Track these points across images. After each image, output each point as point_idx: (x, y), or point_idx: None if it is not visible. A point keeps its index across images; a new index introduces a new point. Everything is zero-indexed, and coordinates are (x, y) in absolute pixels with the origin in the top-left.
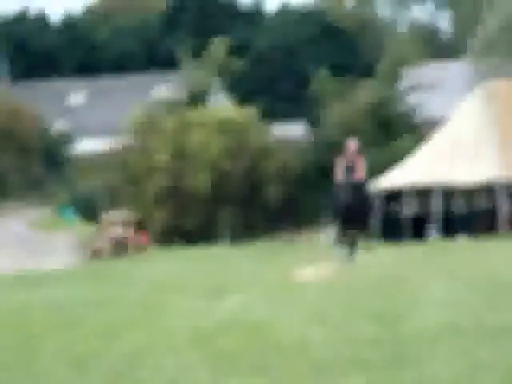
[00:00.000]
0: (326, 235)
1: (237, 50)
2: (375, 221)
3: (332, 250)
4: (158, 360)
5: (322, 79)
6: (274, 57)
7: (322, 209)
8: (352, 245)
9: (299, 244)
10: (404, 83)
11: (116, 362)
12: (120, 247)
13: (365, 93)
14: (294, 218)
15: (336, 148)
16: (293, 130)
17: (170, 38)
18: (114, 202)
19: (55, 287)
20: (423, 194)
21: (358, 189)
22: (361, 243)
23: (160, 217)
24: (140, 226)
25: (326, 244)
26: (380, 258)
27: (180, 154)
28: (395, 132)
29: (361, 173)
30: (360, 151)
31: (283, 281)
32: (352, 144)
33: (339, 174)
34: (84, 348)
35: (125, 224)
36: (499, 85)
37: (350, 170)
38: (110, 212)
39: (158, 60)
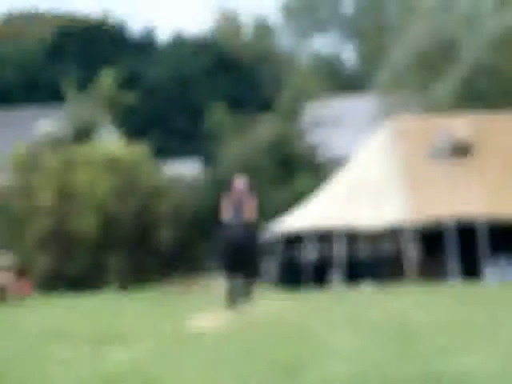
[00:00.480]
0: (220, 282)
1: (127, 83)
2: (274, 266)
3: (224, 298)
4: None
5: (217, 114)
6: (167, 90)
7: (210, 253)
8: (243, 292)
9: (193, 291)
10: (306, 119)
11: None
12: (0, 294)
13: (264, 129)
14: (187, 263)
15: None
16: (187, 168)
17: (53, 68)
18: None
19: None
20: (325, 237)
21: (247, 231)
22: (255, 290)
23: (43, 262)
24: (21, 272)
25: (220, 292)
26: (279, 306)
27: (65, 195)
28: (296, 171)
29: (250, 213)
30: (250, 190)
31: (176, 331)
32: (239, 182)
33: (226, 214)
34: None
35: (4, 270)
36: (407, 121)
37: (237, 209)
38: None
39: (40, 93)
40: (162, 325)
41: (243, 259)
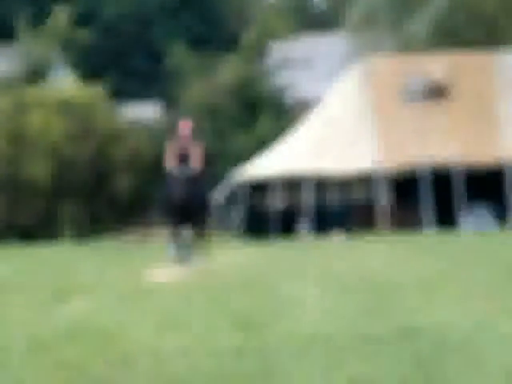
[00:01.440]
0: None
1: (82, 20)
2: (238, 215)
3: (167, 250)
4: None
5: (178, 53)
6: (126, 28)
7: (155, 202)
8: (189, 244)
9: (150, 242)
10: (272, 59)
11: None
12: None
13: (227, 69)
14: (145, 212)
15: (193, 130)
16: (146, 111)
17: (3, 4)
18: None
19: None
20: (293, 185)
21: (194, 180)
22: (207, 243)
23: None
24: None
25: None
26: (243, 257)
27: (16, 139)
28: (261, 114)
29: (196, 162)
30: (195, 135)
31: (132, 283)
32: (185, 126)
33: (169, 163)
34: None
35: None
36: (378, 61)
37: (183, 157)
38: None
39: None
40: (118, 277)
41: (190, 212)
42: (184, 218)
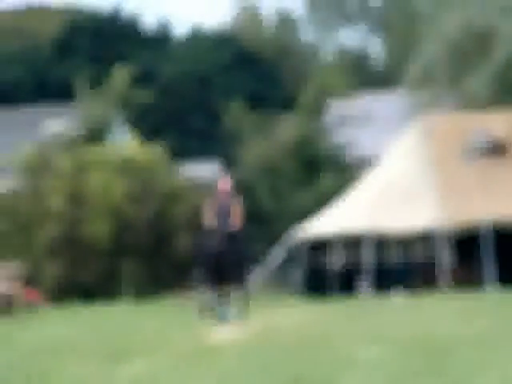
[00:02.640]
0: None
1: (141, 80)
2: (297, 274)
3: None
4: None
5: (237, 112)
6: (184, 87)
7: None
8: (227, 302)
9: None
10: (331, 117)
11: None
12: (5, 306)
13: (286, 128)
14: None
15: (253, 189)
16: (205, 171)
17: (62, 65)
18: None
19: None
20: (353, 243)
21: (233, 237)
22: (248, 302)
23: (53, 270)
24: (30, 281)
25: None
26: (302, 317)
27: (76, 199)
28: (321, 172)
29: (236, 218)
30: (234, 193)
31: (193, 344)
32: (224, 183)
33: (208, 219)
34: None
35: (11, 279)
36: (437, 119)
37: (223, 215)
38: None
39: (49, 91)
40: (178, 337)
41: (229, 269)
42: (222, 274)
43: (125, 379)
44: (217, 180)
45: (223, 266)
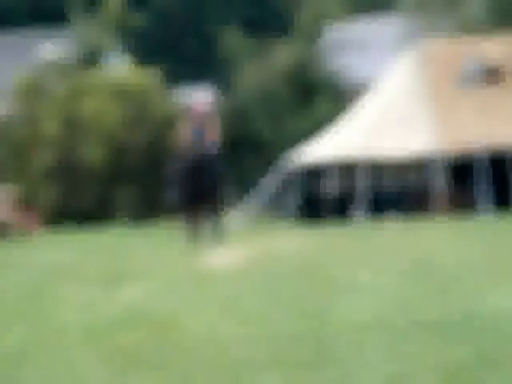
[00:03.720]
0: (237, 217)
1: (136, 4)
2: (293, 201)
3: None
4: (46, 359)
5: (232, 37)
6: (179, 12)
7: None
8: (213, 231)
9: (206, 226)
10: (327, 42)
11: None
12: (1, 230)
13: (282, 53)
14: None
15: (249, 115)
16: (199, 94)
17: None
18: None
19: None
20: (348, 169)
21: (208, 156)
22: (224, 226)
23: (49, 195)
24: (25, 205)
25: (237, 227)
26: (298, 243)
27: (71, 124)
28: (316, 98)
29: (213, 136)
30: (212, 110)
31: (189, 268)
32: (200, 97)
33: (184, 137)
34: None
35: (7, 203)
36: (433, 44)
37: (198, 132)
38: None
39: (43, 14)
40: (173, 262)
41: (205, 190)
42: (198, 196)
43: (119, 305)
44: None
45: (198, 189)
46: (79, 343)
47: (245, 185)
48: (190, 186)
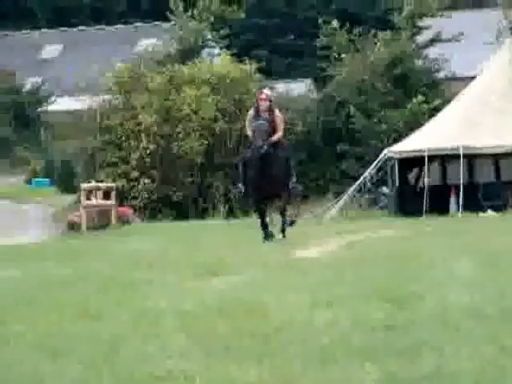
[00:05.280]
0: (332, 209)
1: None
2: (389, 192)
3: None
4: (143, 346)
5: (331, 31)
6: (276, 4)
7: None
8: (281, 215)
9: (302, 219)
10: (424, 36)
11: (94, 348)
12: (100, 220)
13: (379, 47)
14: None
15: (345, 107)
16: (296, 88)
17: None
18: (92, 169)
19: (25, 264)
20: (445, 160)
21: (277, 148)
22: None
23: (146, 186)
24: (123, 196)
25: (330, 219)
26: (394, 232)
27: (169, 115)
28: (414, 91)
29: (279, 131)
30: (274, 105)
31: (283, 258)
32: (263, 94)
33: (250, 131)
34: (57, 333)
35: (106, 194)
36: None
37: (261, 122)
38: (89, 180)
39: (144, 9)
40: (268, 252)
41: (272, 183)
42: (265, 189)
43: (214, 293)
44: (307, 98)
45: (267, 181)
46: (174, 331)
47: (340, 177)
48: (257, 178)
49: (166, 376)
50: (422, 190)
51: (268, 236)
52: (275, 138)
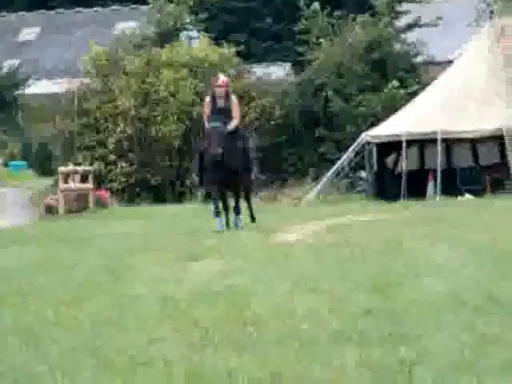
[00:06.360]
0: (310, 193)
1: None
2: (366, 177)
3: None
4: (123, 333)
5: (312, 13)
6: None
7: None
8: (246, 201)
9: (280, 203)
10: (402, 20)
11: (74, 335)
12: (78, 203)
13: (357, 30)
14: (275, 172)
15: (323, 91)
16: (275, 72)
17: None
18: (70, 152)
19: (2, 250)
20: (423, 145)
21: (234, 137)
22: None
23: (123, 169)
24: (100, 179)
25: (308, 203)
26: (371, 217)
27: (147, 99)
28: (392, 75)
29: (236, 118)
30: (230, 91)
31: (263, 243)
32: (219, 80)
33: (206, 119)
34: (37, 320)
35: (83, 177)
36: (509, 23)
37: (221, 113)
38: (67, 163)
39: None
40: (248, 237)
41: (229, 172)
42: (224, 178)
43: (196, 279)
44: (285, 81)
45: (225, 170)
46: (155, 318)
47: (318, 161)
48: (214, 172)
49: (146, 362)
50: (400, 175)
51: (226, 221)
52: (232, 126)
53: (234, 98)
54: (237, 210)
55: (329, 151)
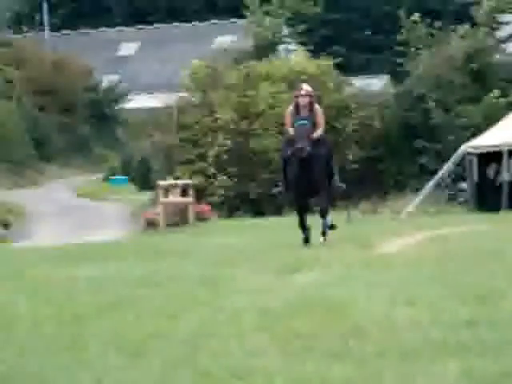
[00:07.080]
0: (411, 205)
1: None
2: (468, 187)
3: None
4: (223, 345)
5: (411, 25)
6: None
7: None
8: (321, 217)
9: (381, 215)
10: (503, 32)
11: (175, 347)
12: (178, 217)
13: (458, 41)
14: (375, 185)
15: (422, 102)
16: (374, 84)
17: None
18: (170, 167)
19: (103, 263)
20: None
21: (318, 144)
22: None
23: (223, 183)
24: (201, 193)
25: (408, 214)
26: (473, 228)
27: (246, 112)
28: (493, 85)
29: (320, 127)
30: (314, 100)
31: (363, 254)
32: (303, 91)
33: (288, 125)
34: (137, 332)
35: (183, 191)
36: None
37: (303, 123)
38: (167, 177)
39: (220, 6)
40: (348, 249)
41: (312, 180)
42: (307, 189)
43: (294, 290)
44: (384, 93)
45: (304, 184)
46: (253, 329)
47: (419, 173)
48: (297, 178)
49: (245, 374)
50: (501, 185)
51: (307, 238)
52: (316, 135)
53: (318, 107)
54: (322, 213)
55: (429, 163)
